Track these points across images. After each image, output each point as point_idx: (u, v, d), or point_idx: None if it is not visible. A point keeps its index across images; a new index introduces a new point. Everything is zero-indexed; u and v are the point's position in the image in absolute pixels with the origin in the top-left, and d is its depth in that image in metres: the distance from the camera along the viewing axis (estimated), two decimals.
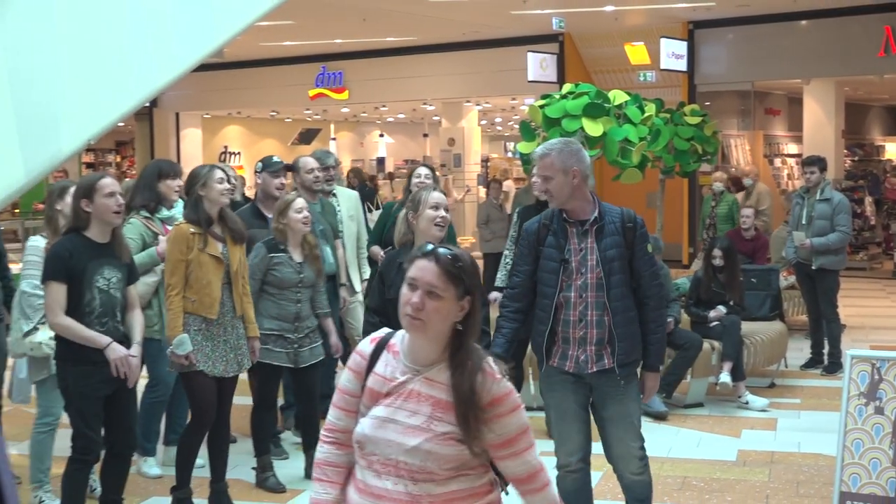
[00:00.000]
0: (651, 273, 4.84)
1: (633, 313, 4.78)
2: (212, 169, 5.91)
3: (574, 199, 4.76)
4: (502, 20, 17.85)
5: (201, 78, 19.27)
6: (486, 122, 29.89)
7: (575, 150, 4.79)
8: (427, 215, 5.06)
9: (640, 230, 4.84)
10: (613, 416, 4.89)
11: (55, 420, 6.14)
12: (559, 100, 8.44)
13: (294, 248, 6.46)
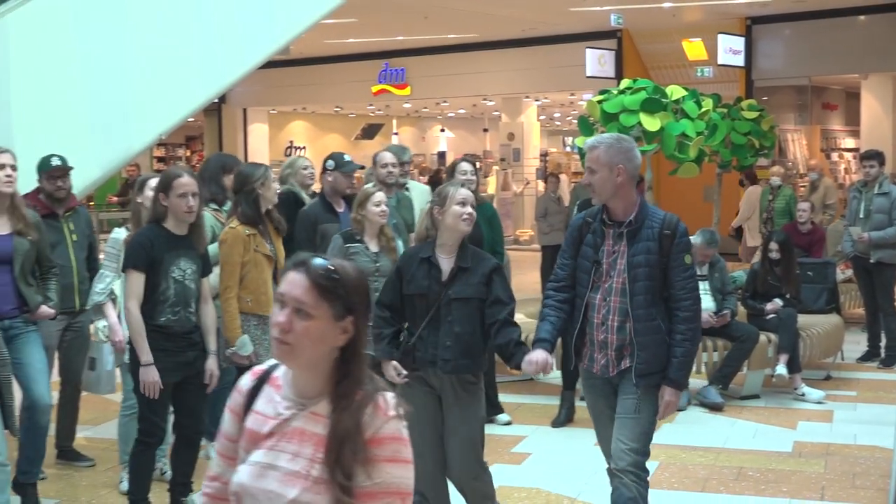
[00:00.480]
0: (685, 285, 4.49)
1: (657, 323, 4.47)
2: (268, 169, 5.96)
3: (617, 197, 4.51)
4: (561, 17, 17.79)
5: (268, 75, 19.37)
6: (545, 117, 29.78)
7: (625, 147, 4.53)
8: (453, 211, 4.85)
9: (680, 239, 4.49)
10: (620, 411, 4.57)
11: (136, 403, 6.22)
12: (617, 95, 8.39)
13: (370, 238, 6.49)
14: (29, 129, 7.14)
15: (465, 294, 4.77)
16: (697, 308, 4.52)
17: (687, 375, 4.62)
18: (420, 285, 4.82)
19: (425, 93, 23.06)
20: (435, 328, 4.79)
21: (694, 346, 4.53)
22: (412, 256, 4.95)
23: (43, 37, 7.57)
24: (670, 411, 4.57)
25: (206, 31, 8.46)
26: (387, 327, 4.90)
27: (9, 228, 5.68)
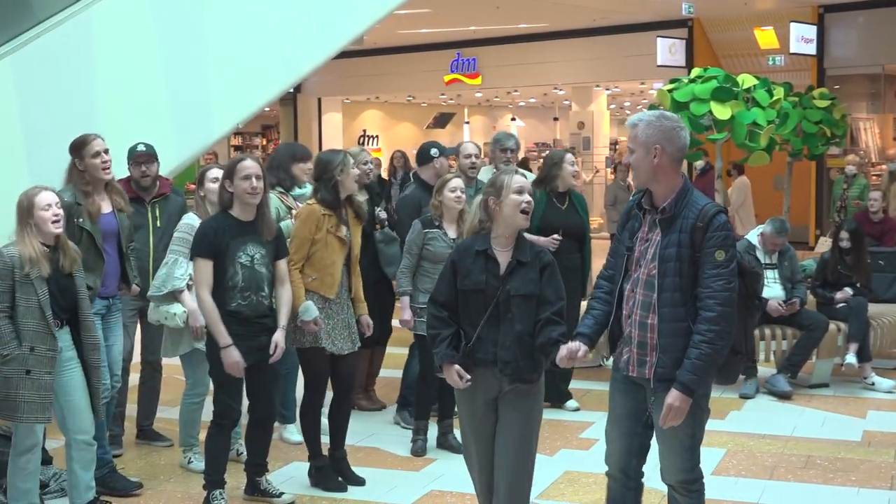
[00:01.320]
0: (711, 283, 3.94)
1: (686, 325, 3.98)
2: (346, 156, 5.99)
3: (656, 181, 4.07)
4: (632, 6, 17.65)
5: (342, 65, 19.48)
6: (615, 106, 29.58)
7: (667, 126, 4.06)
8: (512, 201, 4.44)
9: (714, 232, 3.96)
10: (658, 430, 4.17)
11: (205, 391, 6.31)
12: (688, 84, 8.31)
13: (449, 224, 6.54)
14: (112, 119, 7.25)
15: (526, 290, 4.39)
16: (725, 311, 3.94)
17: (700, 382, 3.99)
18: (477, 280, 4.43)
19: (496, 82, 23.03)
20: (494, 326, 4.41)
21: (714, 351, 3.95)
22: (466, 249, 4.54)
23: (125, 29, 7.68)
24: (673, 419, 3.99)
25: (283, 23, 8.52)
26: (445, 328, 4.49)
27: (110, 207, 5.94)
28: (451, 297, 4.51)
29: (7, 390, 5.11)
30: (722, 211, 4.03)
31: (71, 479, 5.47)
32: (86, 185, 5.82)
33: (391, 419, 7.38)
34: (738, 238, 12.25)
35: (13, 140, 6.89)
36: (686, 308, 3.99)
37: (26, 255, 5.08)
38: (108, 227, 5.90)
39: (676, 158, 4.06)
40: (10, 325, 5.10)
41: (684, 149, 4.10)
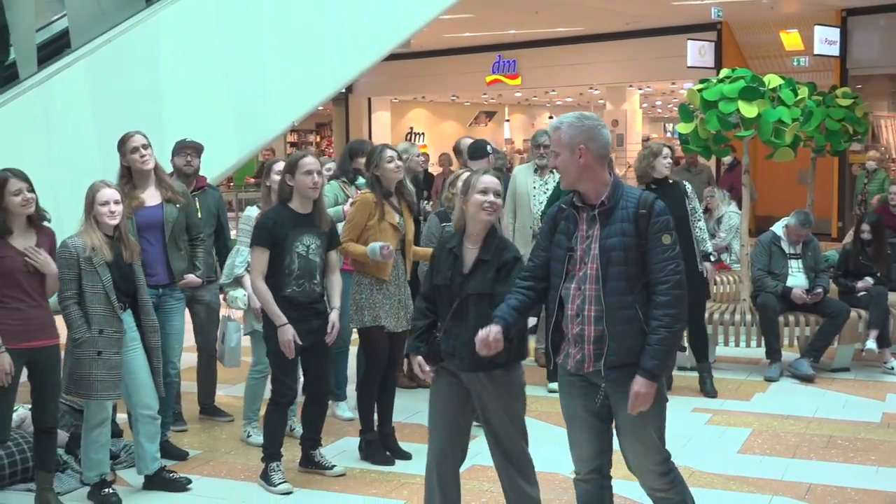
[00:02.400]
0: (663, 267, 3.78)
1: (633, 312, 3.79)
2: (383, 149, 6.00)
3: (584, 180, 3.86)
4: (664, 10, 17.54)
5: (391, 66, 19.51)
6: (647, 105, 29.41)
7: (588, 126, 3.86)
8: (474, 200, 4.34)
9: (656, 218, 3.80)
10: (622, 424, 3.96)
11: (266, 368, 6.35)
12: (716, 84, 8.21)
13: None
14: (177, 116, 7.31)
15: (481, 289, 4.27)
16: (678, 293, 3.78)
17: (663, 366, 3.82)
18: (444, 277, 4.37)
19: (535, 82, 22.99)
20: (457, 322, 4.30)
21: (672, 334, 3.79)
22: (442, 246, 4.49)
23: (191, 33, 7.72)
24: (641, 405, 3.81)
25: (335, 28, 8.54)
26: (421, 319, 4.46)
27: (159, 199, 5.92)
28: (429, 291, 4.48)
29: (81, 371, 5.18)
30: (658, 198, 3.89)
31: (137, 450, 5.55)
32: (127, 183, 5.84)
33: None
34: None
35: (87, 137, 6.96)
36: (633, 295, 3.80)
37: (88, 244, 5.17)
38: (147, 219, 5.83)
39: (601, 156, 3.88)
40: (79, 310, 5.18)
41: (607, 146, 3.91)
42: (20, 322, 4.92)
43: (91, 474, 5.40)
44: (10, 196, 4.89)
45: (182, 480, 5.58)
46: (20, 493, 5.48)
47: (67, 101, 6.98)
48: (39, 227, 5.06)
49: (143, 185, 5.87)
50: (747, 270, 8.40)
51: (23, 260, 4.91)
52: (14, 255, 4.90)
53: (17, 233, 4.96)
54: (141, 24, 7.40)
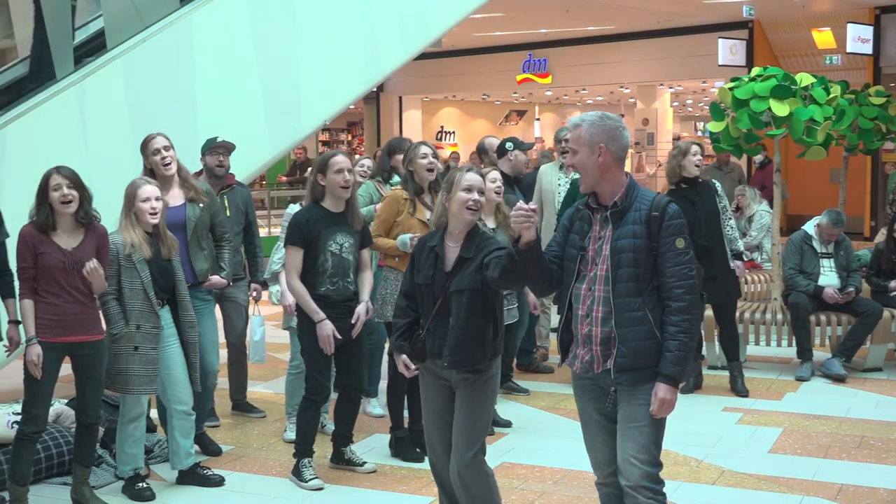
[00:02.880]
0: (677, 272, 3.74)
1: (642, 314, 3.73)
2: (418, 146, 6.01)
3: (602, 180, 3.81)
4: (694, 9, 17.44)
5: (422, 65, 19.53)
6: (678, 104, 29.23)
7: (609, 125, 3.82)
8: (458, 198, 4.32)
9: (669, 221, 3.75)
10: (621, 420, 3.86)
11: (301, 363, 6.38)
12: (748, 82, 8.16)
13: (487, 215, 6.53)
14: (210, 115, 7.35)
15: (461, 286, 4.26)
16: (693, 298, 3.75)
17: (683, 371, 3.76)
18: (426, 275, 4.34)
19: (566, 81, 22.93)
20: (441, 320, 4.30)
21: (690, 339, 3.74)
22: (423, 245, 4.45)
23: (224, 33, 7.77)
24: (665, 411, 3.76)
25: (367, 27, 8.56)
26: (402, 318, 4.44)
27: (182, 199, 5.91)
28: (410, 289, 4.43)
29: (118, 366, 5.24)
30: (672, 201, 3.84)
31: (172, 445, 5.59)
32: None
33: None
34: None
35: (122, 135, 7.02)
36: (642, 298, 3.74)
37: (128, 240, 5.22)
38: (171, 219, 5.74)
39: (620, 157, 3.83)
40: (117, 306, 5.23)
41: (626, 148, 3.88)
42: (57, 317, 4.96)
43: (125, 468, 5.44)
44: (51, 191, 4.94)
45: (215, 477, 5.62)
46: (56, 487, 5.54)
47: (103, 101, 7.05)
48: (88, 227, 5.09)
49: (167, 186, 5.83)
50: (778, 269, 8.35)
51: (62, 257, 4.96)
52: (54, 252, 4.94)
53: (61, 231, 4.99)
54: (175, 24, 7.46)
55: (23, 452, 5.05)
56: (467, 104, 29.14)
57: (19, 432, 5.05)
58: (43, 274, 4.94)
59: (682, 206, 7.13)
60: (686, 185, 7.28)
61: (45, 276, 4.94)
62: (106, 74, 7.07)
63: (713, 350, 8.20)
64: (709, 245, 7.21)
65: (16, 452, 5.06)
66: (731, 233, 7.40)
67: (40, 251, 4.92)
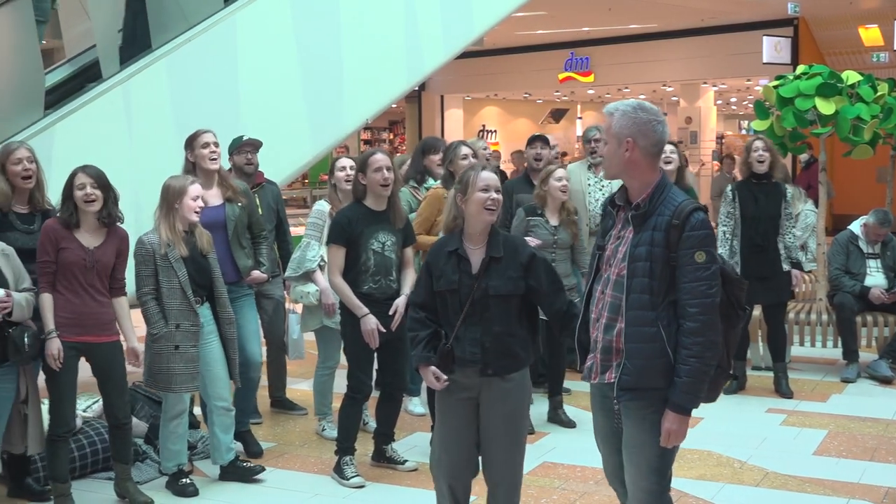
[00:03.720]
0: (692, 288, 3.37)
1: (654, 330, 3.41)
2: (458, 146, 6.00)
3: (628, 175, 3.54)
4: (739, 6, 17.29)
5: (463, 64, 19.51)
6: (722, 102, 28.98)
7: (641, 119, 3.51)
8: (476, 198, 4.12)
9: (690, 231, 3.38)
10: (626, 440, 3.59)
11: (335, 364, 6.40)
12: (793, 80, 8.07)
13: (552, 213, 6.52)
14: (254, 114, 7.40)
15: (506, 290, 4.05)
16: (708, 319, 3.37)
17: (694, 399, 3.43)
18: (450, 280, 4.09)
19: (608, 80, 22.84)
20: (471, 326, 4.06)
21: (703, 364, 3.38)
22: (439, 250, 4.19)
23: (267, 32, 7.81)
24: (674, 441, 3.45)
25: (409, 26, 8.57)
26: (422, 329, 4.14)
27: (220, 199, 5.95)
28: (428, 299, 4.18)
29: (159, 365, 5.28)
30: (699, 209, 3.44)
31: (213, 441, 5.63)
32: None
33: None
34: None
35: (167, 134, 7.07)
36: (656, 312, 3.42)
37: (164, 239, 5.25)
38: (211, 218, 5.82)
39: (651, 153, 3.51)
40: (156, 305, 5.27)
41: (659, 143, 3.55)
42: (73, 315, 5.00)
43: (169, 464, 5.49)
44: (75, 190, 4.99)
45: (256, 468, 5.66)
46: (100, 481, 5.60)
47: (148, 100, 7.11)
48: (111, 228, 5.13)
49: (208, 183, 5.87)
50: (824, 269, 8.25)
51: (83, 254, 5.00)
52: (75, 249, 4.98)
53: (84, 229, 5.04)
54: (219, 24, 7.51)
55: (58, 452, 5.11)
56: (509, 103, 29.09)
57: (51, 434, 5.10)
58: (63, 270, 4.98)
59: (745, 200, 7.23)
60: (756, 180, 7.31)
61: (64, 272, 4.98)
62: (151, 74, 7.14)
63: (757, 350, 8.13)
64: (762, 244, 7.21)
65: (51, 453, 5.12)
66: (793, 241, 7.37)
67: (62, 246, 4.96)
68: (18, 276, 4.83)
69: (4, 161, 5.22)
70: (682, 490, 5.42)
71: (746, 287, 3.60)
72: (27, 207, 5.30)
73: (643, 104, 3.58)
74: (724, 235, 7.41)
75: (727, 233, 7.38)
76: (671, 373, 3.42)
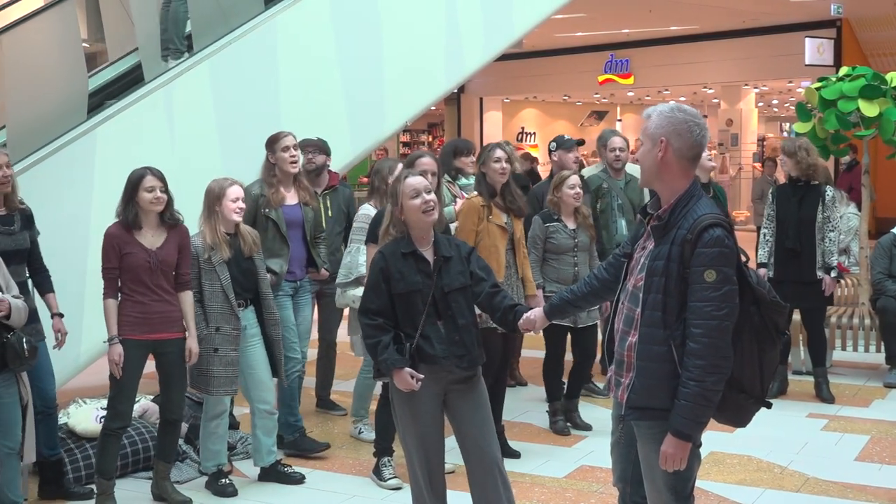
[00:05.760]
0: (698, 308, 3.20)
1: (666, 349, 3.26)
2: (493, 149, 5.97)
3: (660, 179, 3.38)
4: (781, 7, 17.14)
5: (503, 66, 19.50)
6: (763, 104, 28.75)
7: (677, 119, 3.36)
8: (410, 206, 4.20)
9: (702, 248, 3.21)
10: (640, 457, 3.49)
11: None
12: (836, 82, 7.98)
13: (567, 217, 6.51)
14: (294, 116, 7.42)
15: (460, 283, 4.17)
16: (713, 342, 3.18)
17: (694, 424, 3.24)
18: (412, 282, 4.13)
19: (648, 81, 22.76)
20: (433, 324, 4.13)
21: (703, 388, 3.19)
22: (392, 254, 4.19)
23: (308, 35, 7.84)
24: (672, 465, 3.28)
25: (449, 27, 8.57)
26: (384, 334, 4.12)
27: (297, 199, 6.13)
28: (383, 304, 4.16)
29: (200, 366, 5.32)
30: (717, 224, 3.24)
31: (255, 443, 5.66)
32: (272, 178, 6.01)
33: (543, 397, 7.35)
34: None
35: (208, 136, 7.13)
36: (668, 330, 3.26)
37: (208, 242, 5.29)
38: (292, 216, 6.06)
39: (685, 156, 3.34)
40: (199, 307, 5.30)
41: (696, 147, 3.36)
42: (142, 315, 5.06)
43: (209, 464, 5.53)
44: (143, 192, 5.03)
45: (296, 475, 5.67)
46: (139, 481, 5.65)
47: (190, 102, 7.17)
48: (171, 227, 5.18)
49: (286, 184, 6.08)
50: (866, 273, 8.15)
51: (146, 256, 5.05)
52: (139, 252, 5.04)
53: (146, 229, 5.09)
54: (260, 27, 7.55)
55: (108, 447, 5.16)
56: (548, 105, 29.03)
57: (105, 428, 5.17)
58: (128, 274, 5.03)
59: (782, 202, 7.18)
60: (801, 182, 7.29)
61: (130, 275, 5.03)
62: (193, 76, 7.19)
63: (798, 355, 8.04)
64: (794, 248, 7.15)
65: (102, 447, 5.18)
66: (829, 245, 7.25)
67: (125, 251, 5.01)
68: (7, 284, 4.64)
69: None
70: (721, 495, 5.39)
71: (786, 311, 3.46)
72: (4, 209, 5.25)
73: (682, 106, 3.46)
74: (765, 237, 7.38)
75: (767, 234, 7.35)
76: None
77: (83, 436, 5.65)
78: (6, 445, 4.50)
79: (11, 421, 4.54)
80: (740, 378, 3.32)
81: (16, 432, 4.56)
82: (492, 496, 4.24)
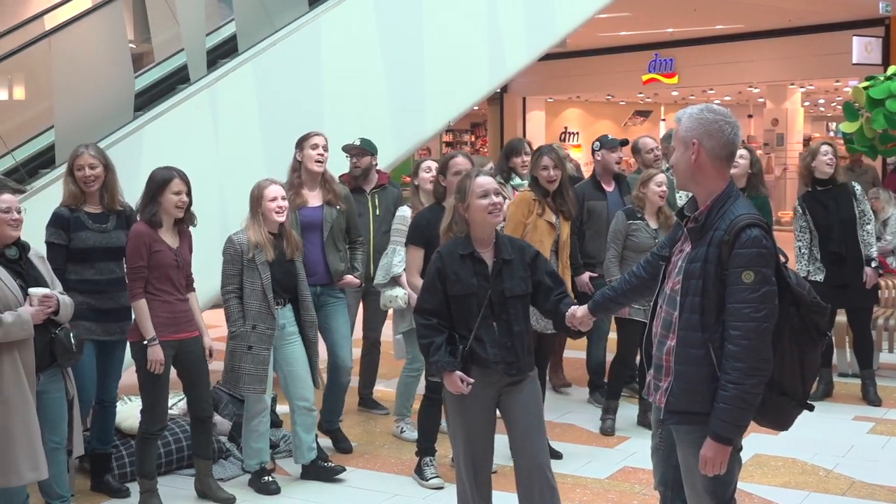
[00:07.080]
0: (738, 311, 3.16)
1: (704, 353, 3.22)
2: (541, 155, 5.94)
3: (695, 181, 3.36)
4: (828, 6, 16.94)
5: (545, 66, 19.45)
6: (809, 104, 28.44)
7: (708, 119, 3.31)
8: (476, 206, 4.15)
9: (740, 249, 3.18)
10: (680, 462, 3.45)
11: (422, 366, 6.40)
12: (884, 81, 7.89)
13: (650, 216, 6.47)
14: (337, 116, 7.46)
15: (521, 290, 4.15)
16: (752, 344, 3.14)
17: (734, 428, 3.21)
18: (468, 284, 4.11)
19: (692, 81, 22.58)
20: (488, 326, 4.11)
21: (742, 392, 3.15)
22: (450, 255, 4.17)
23: (351, 36, 7.87)
24: (711, 469, 3.24)
25: (492, 27, 8.57)
26: (437, 335, 4.12)
27: (320, 200, 6.06)
28: (438, 305, 4.15)
29: (232, 363, 5.37)
30: (754, 224, 3.20)
31: (295, 440, 5.69)
32: (297, 178, 6.01)
33: (585, 398, 7.33)
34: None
35: (252, 137, 7.18)
36: (706, 333, 3.23)
37: (253, 241, 5.33)
38: (309, 219, 5.96)
39: (719, 157, 3.31)
40: (238, 304, 5.35)
41: (729, 146, 3.32)
42: (171, 315, 5.10)
43: (251, 462, 5.57)
44: (169, 194, 5.06)
45: (337, 468, 5.70)
46: (183, 478, 5.69)
47: (234, 103, 7.22)
48: (183, 230, 5.23)
49: (311, 184, 6.03)
50: None
51: (173, 255, 5.09)
52: (166, 250, 5.08)
53: (165, 230, 5.14)
54: (304, 27, 7.60)
55: (147, 449, 5.21)
56: (591, 105, 28.93)
57: (143, 431, 5.20)
58: (156, 272, 5.06)
59: (815, 210, 7.05)
60: (821, 187, 7.09)
61: (158, 274, 5.06)
62: (237, 77, 7.25)
63: (844, 357, 7.94)
64: (840, 251, 7.03)
65: (141, 450, 5.22)
66: (867, 238, 7.14)
67: (155, 249, 5.05)
68: (52, 281, 4.73)
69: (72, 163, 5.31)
70: (766, 497, 5.34)
71: (827, 312, 3.39)
72: (99, 207, 5.36)
73: (711, 106, 3.41)
74: (800, 251, 7.23)
75: (802, 247, 7.21)
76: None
77: (128, 433, 5.71)
78: (52, 440, 4.56)
79: (58, 416, 4.61)
80: (781, 380, 3.28)
81: (62, 427, 4.64)
82: (537, 499, 4.23)
